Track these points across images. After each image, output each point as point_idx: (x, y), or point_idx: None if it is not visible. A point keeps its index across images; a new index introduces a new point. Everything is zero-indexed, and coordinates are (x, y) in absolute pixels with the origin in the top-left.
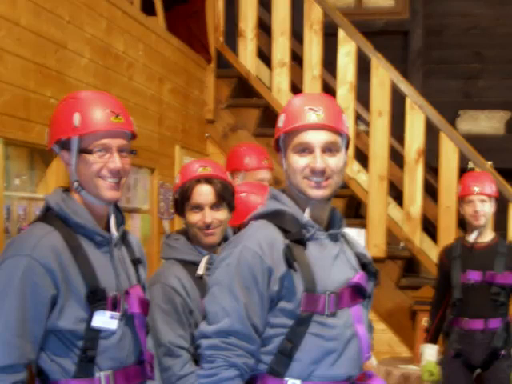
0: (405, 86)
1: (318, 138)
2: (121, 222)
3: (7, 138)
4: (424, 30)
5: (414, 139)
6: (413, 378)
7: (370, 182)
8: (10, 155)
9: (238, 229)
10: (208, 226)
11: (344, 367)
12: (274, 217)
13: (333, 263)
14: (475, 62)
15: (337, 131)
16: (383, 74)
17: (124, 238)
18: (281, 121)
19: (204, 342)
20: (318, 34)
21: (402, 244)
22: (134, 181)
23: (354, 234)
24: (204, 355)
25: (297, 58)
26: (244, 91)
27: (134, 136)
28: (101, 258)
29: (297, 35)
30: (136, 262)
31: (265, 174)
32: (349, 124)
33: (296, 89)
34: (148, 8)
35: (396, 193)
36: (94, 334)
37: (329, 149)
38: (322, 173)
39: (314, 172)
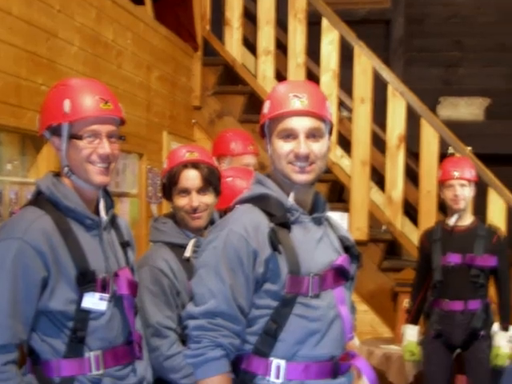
0: (387, 74)
1: (302, 124)
2: (110, 206)
3: None
4: (405, 18)
5: (396, 125)
6: (394, 358)
7: (353, 167)
8: (1, 141)
9: (224, 212)
10: (195, 210)
11: (327, 347)
12: (259, 201)
13: (316, 246)
14: (455, 51)
15: (320, 117)
16: (365, 62)
17: (113, 221)
18: (266, 107)
19: (191, 323)
20: (302, 22)
21: (383, 227)
22: (122, 166)
23: (337, 217)
24: (191, 336)
25: (281, 47)
26: (230, 78)
27: (122, 122)
28: (90, 241)
29: (281, 24)
30: (125, 245)
31: (250, 159)
32: (332, 110)
33: (280, 76)
34: None
35: (378, 177)
36: (84, 315)
37: (312, 134)
38: (305, 158)
39: (298, 157)
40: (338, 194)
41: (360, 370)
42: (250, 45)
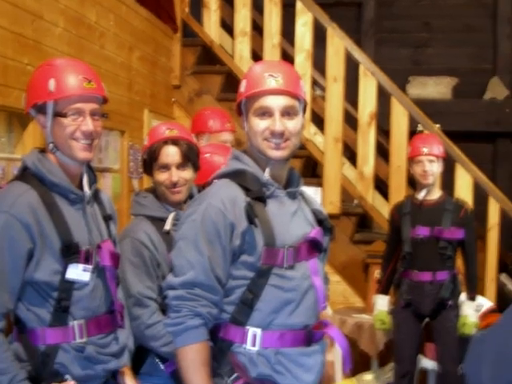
0: (358, 54)
1: (277, 103)
2: (93, 181)
3: None
4: (376, 1)
5: (367, 103)
6: (366, 327)
7: (326, 144)
8: None
9: (202, 187)
10: (174, 185)
11: (301, 316)
12: (236, 176)
13: (291, 219)
14: (424, 32)
15: (295, 96)
16: (338, 43)
17: (96, 195)
18: (242, 86)
19: (171, 293)
20: (278, 5)
21: (355, 201)
22: (105, 142)
23: (310, 192)
24: (171, 305)
25: (257, 28)
26: (208, 59)
27: (105, 100)
28: (74, 214)
29: (257, 6)
30: (107, 218)
31: (227, 136)
32: (306, 89)
33: (257, 56)
34: None
35: (350, 153)
36: (68, 286)
37: (287, 112)
38: (280, 135)
39: (273, 134)
40: (312, 170)
41: (333, 338)
42: (228, 26)
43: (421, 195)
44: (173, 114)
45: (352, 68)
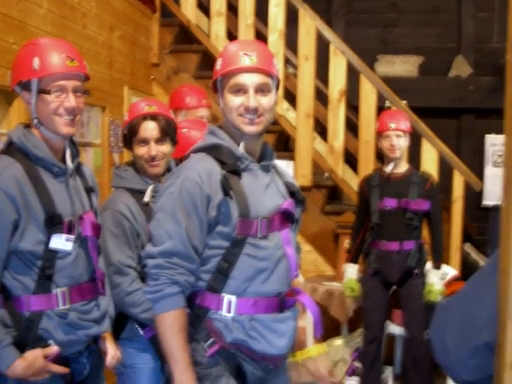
0: (329, 34)
1: (251, 80)
2: (75, 155)
3: None
4: None
5: (337, 81)
6: (336, 294)
7: (298, 119)
8: None
9: (180, 161)
10: (153, 159)
11: (274, 284)
12: (212, 150)
13: (264, 191)
14: (392, 12)
15: (268, 74)
16: (309, 23)
17: (78, 169)
18: (218, 64)
19: (150, 262)
20: None
21: (326, 174)
22: (87, 118)
23: (283, 165)
24: (150, 273)
25: (232, 9)
26: (185, 38)
27: (87, 78)
28: (58, 187)
29: None
30: (89, 191)
31: (204, 112)
32: (279, 67)
33: (232, 36)
34: None
35: (321, 128)
36: (52, 255)
37: (261, 89)
38: (254, 111)
39: (247, 110)
40: (284, 144)
41: (304, 305)
42: (204, 7)
43: (388, 168)
44: (151, 90)
45: (323, 47)
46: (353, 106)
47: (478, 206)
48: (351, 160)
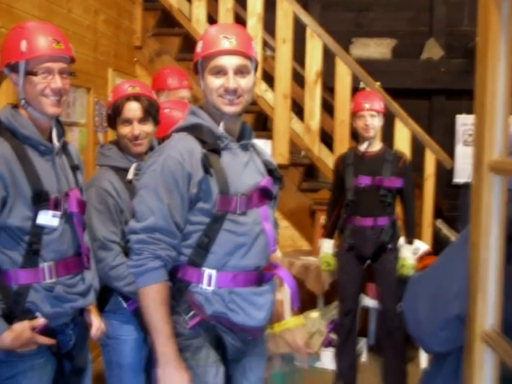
0: (305, 17)
1: (231, 62)
2: (61, 134)
3: None
4: None
5: (313, 63)
6: (312, 268)
7: (276, 100)
8: None
9: (162, 140)
10: (136, 138)
11: (253, 258)
12: (193, 130)
13: (243, 169)
14: None
15: (247, 56)
16: (287, 7)
17: (64, 147)
18: (199, 47)
19: (133, 237)
20: None
21: (302, 153)
22: (72, 98)
23: (261, 144)
24: (133, 248)
25: None
26: (167, 22)
27: (72, 60)
28: (44, 165)
29: None
30: (74, 169)
31: (185, 93)
32: (257, 50)
33: (212, 20)
34: None
35: (298, 109)
36: (39, 230)
37: (240, 71)
38: (234, 92)
39: (227, 91)
40: (263, 124)
41: (282, 279)
42: None
43: (363, 147)
44: (135, 72)
45: (299, 30)
46: (328, 87)
47: (449, 184)
48: (327, 139)
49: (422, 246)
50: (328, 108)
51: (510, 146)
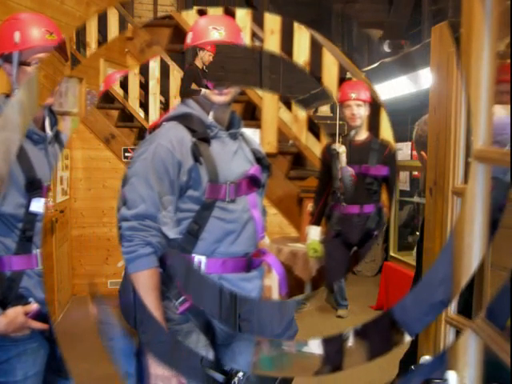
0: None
1: None
2: (54, 123)
3: None
4: None
5: (301, 53)
6: (300, 254)
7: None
8: None
9: (152, 129)
10: None
11: (242, 245)
12: (183, 119)
13: (232, 158)
14: None
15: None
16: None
17: (57, 136)
18: (189, 38)
19: (124, 224)
20: None
21: (290, 142)
22: (65, 88)
23: (250, 133)
24: (124, 235)
25: None
26: None
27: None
28: (37, 153)
29: None
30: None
31: None
32: (246, 41)
33: (201, 11)
34: None
35: (286, 98)
36: (32, 217)
37: None
38: None
39: None
40: (251, 113)
41: (270, 265)
42: None
43: (350, 136)
44: (126, 63)
45: (287, 22)
46: (316, 77)
47: None
48: (314, 128)
49: None
50: None
51: (494, 135)
